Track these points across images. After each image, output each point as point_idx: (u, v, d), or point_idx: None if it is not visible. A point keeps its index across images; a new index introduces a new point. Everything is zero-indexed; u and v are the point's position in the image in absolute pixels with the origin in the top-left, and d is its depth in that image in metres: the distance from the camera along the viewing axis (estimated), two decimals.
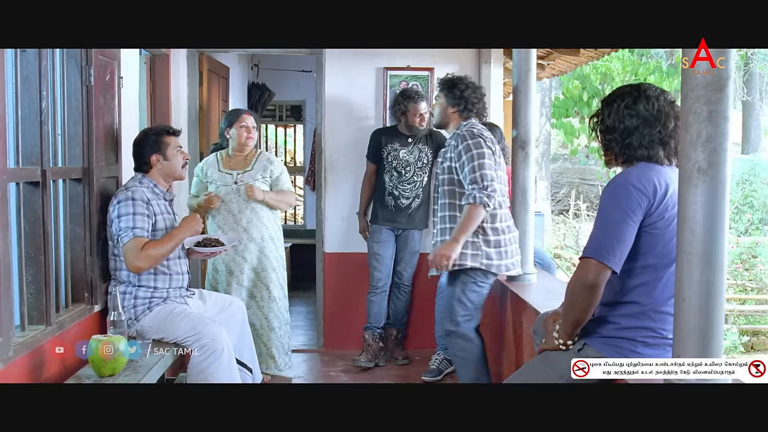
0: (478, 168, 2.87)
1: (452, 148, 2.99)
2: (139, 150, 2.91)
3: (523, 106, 3.25)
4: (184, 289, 2.99)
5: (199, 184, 3.72)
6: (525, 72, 3.24)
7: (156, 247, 2.73)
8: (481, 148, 2.90)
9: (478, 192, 2.84)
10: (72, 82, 2.63)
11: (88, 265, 2.73)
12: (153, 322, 2.80)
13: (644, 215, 1.83)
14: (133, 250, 2.67)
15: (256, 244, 3.63)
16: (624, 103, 1.91)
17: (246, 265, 3.62)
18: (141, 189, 2.82)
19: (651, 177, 1.86)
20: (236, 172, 3.64)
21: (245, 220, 3.60)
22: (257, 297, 3.66)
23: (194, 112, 4.29)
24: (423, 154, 4.06)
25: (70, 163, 2.64)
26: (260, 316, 3.67)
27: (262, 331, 3.67)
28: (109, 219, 2.78)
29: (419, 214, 4.09)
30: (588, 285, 1.83)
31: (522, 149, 3.26)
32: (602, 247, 1.82)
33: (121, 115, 2.98)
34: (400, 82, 4.30)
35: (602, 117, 1.96)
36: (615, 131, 1.92)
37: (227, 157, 3.70)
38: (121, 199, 2.75)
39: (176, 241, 2.84)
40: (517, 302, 3.10)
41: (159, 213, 2.86)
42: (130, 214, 2.72)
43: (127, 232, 2.69)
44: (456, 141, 2.98)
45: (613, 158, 1.98)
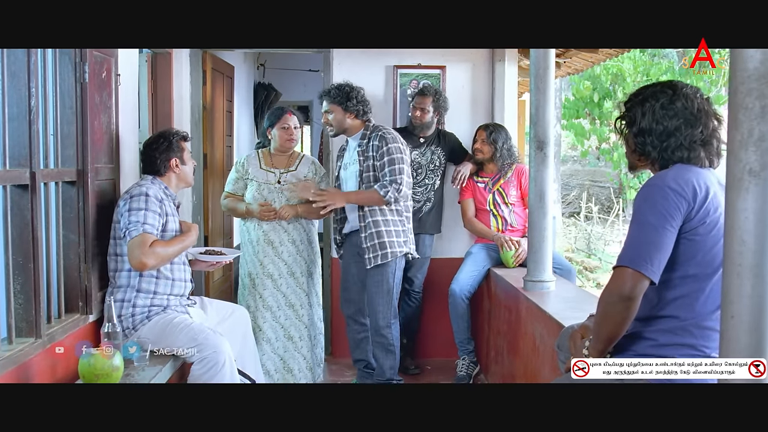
0: (398, 171, 3.25)
1: (374, 148, 3.29)
2: (153, 153, 2.81)
3: (541, 105, 3.08)
4: (186, 297, 2.85)
5: (237, 182, 3.56)
6: (543, 69, 3.08)
7: (164, 246, 2.63)
8: (402, 153, 3.30)
9: (393, 192, 3.23)
10: (65, 80, 2.49)
11: (83, 272, 2.58)
12: (151, 332, 2.66)
13: (684, 220, 1.68)
14: (141, 245, 2.55)
15: (296, 247, 3.49)
16: (660, 103, 1.75)
17: (285, 268, 3.47)
18: (155, 188, 2.73)
19: (689, 178, 1.70)
20: (279, 170, 3.49)
21: (286, 222, 3.46)
22: (296, 305, 3.49)
23: (197, 112, 4.14)
24: (435, 156, 3.91)
25: (64, 165, 2.50)
26: (300, 326, 3.50)
27: (302, 343, 3.51)
28: (117, 214, 2.66)
29: (430, 218, 3.94)
30: (624, 297, 1.67)
31: (540, 150, 3.10)
32: (639, 255, 1.66)
33: (118, 115, 2.83)
34: (411, 81, 4.14)
35: (633, 118, 1.80)
36: (651, 133, 1.76)
37: (269, 155, 3.55)
38: (135, 194, 2.65)
39: (184, 245, 2.75)
40: (534, 311, 2.94)
41: (170, 214, 2.77)
42: (142, 210, 2.61)
43: (136, 227, 2.57)
44: (379, 142, 3.28)
45: (648, 163, 1.82)
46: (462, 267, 3.80)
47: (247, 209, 3.46)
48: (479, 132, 3.86)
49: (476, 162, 3.90)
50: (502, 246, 3.72)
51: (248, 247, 3.50)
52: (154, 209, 2.64)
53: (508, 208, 3.83)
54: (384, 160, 3.27)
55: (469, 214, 3.91)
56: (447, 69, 4.15)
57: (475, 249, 3.87)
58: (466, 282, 3.71)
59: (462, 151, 4.01)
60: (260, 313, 3.45)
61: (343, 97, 3.33)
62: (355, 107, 3.33)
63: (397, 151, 3.29)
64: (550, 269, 3.14)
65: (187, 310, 2.82)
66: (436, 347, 4.07)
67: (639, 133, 1.79)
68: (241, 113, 5.78)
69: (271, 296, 3.45)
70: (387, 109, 4.14)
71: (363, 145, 3.35)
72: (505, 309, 3.46)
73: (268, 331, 3.45)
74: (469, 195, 3.91)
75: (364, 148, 3.34)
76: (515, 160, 3.87)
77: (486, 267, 3.79)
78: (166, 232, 2.71)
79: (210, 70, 4.32)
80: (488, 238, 3.83)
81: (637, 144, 1.81)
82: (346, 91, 3.34)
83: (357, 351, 3.57)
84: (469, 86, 4.21)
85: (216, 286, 4.53)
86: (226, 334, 2.86)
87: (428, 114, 3.85)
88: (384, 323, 3.35)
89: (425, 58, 4.15)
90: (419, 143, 3.90)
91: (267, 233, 3.45)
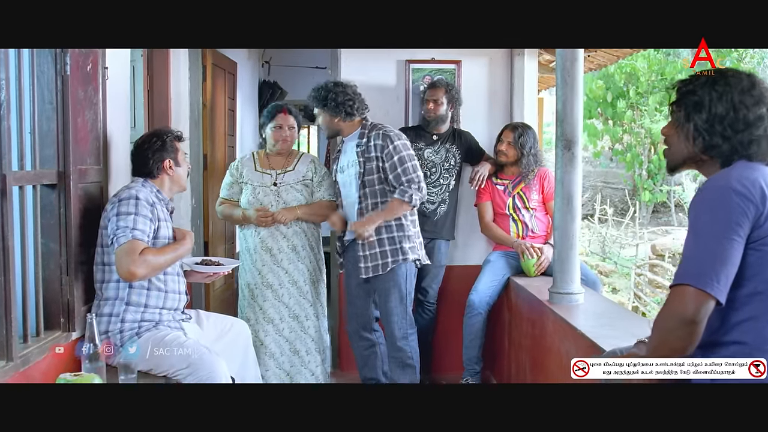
0: (412, 169, 3.05)
1: (377, 148, 3.06)
2: (145, 153, 2.56)
3: (568, 100, 2.82)
4: (180, 311, 2.60)
5: (232, 186, 3.30)
6: (571, 62, 2.82)
7: (156, 254, 2.38)
8: (410, 150, 3.09)
9: (416, 192, 3.02)
10: (44, 72, 2.24)
11: (65, 285, 2.33)
12: (141, 350, 2.40)
13: (751, 228, 1.43)
14: (130, 253, 2.30)
15: (297, 254, 3.22)
16: (739, 88, 1.48)
17: (286, 277, 3.20)
18: (145, 191, 2.48)
19: (756, 179, 1.45)
20: (275, 171, 3.23)
21: (285, 227, 3.19)
22: (300, 316, 3.22)
23: (197, 110, 3.89)
24: (450, 155, 3.65)
25: (42, 166, 2.25)
26: (306, 338, 3.23)
27: (309, 357, 3.24)
28: (104, 220, 2.41)
29: (446, 222, 3.67)
30: (686, 320, 1.41)
31: (567, 149, 2.83)
32: (702, 271, 1.41)
33: (106, 111, 2.58)
34: (424, 77, 3.88)
35: (701, 102, 1.53)
36: (724, 121, 1.49)
37: (265, 156, 3.29)
38: (123, 197, 2.40)
39: (178, 254, 2.50)
40: (563, 327, 2.67)
41: (162, 219, 2.51)
42: (132, 214, 2.36)
43: (125, 232, 2.32)
44: (383, 141, 3.06)
45: (708, 159, 1.56)
46: (480, 276, 3.53)
47: (243, 215, 3.20)
48: (505, 132, 3.58)
49: (497, 163, 3.63)
50: (522, 253, 3.45)
51: (246, 255, 3.25)
52: (145, 214, 2.39)
53: (529, 213, 3.56)
54: (393, 159, 3.04)
55: (486, 219, 3.64)
56: (462, 64, 3.90)
57: (494, 257, 3.60)
58: (485, 293, 3.45)
59: (479, 150, 3.74)
60: (261, 326, 3.19)
61: (321, 100, 3.13)
62: (337, 109, 3.10)
63: (405, 148, 3.08)
64: (578, 280, 2.88)
65: (181, 326, 2.57)
66: (452, 362, 3.79)
67: (709, 120, 1.52)
68: (245, 112, 5.53)
69: (273, 308, 3.19)
70: (398, 106, 3.89)
71: (362, 145, 3.11)
72: (528, 322, 3.19)
73: (271, 345, 3.19)
74: (487, 198, 3.64)
75: (364, 148, 3.10)
76: (540, 164, 3.61)
77: (506, 276, 3.53)
78: (158, 239, 2.46)
79: (210, 66, 4.08)
80: (507, 244, 3.56)
81: (704, 133, 1.53)
82: (324, 93, 3.12)
83: (365, 369, 3.32)
84: (486, 82, 3.95)
85: (217, 296, 4.28)
86: (226, 350, 2.64)
87: (442, 106, 3.59)
88: (400, 334, 3.10)
89: (439, 53, 3.89)
90: (433, 141, 3.65)
91: (264, 240, 3.19)
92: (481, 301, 3.44)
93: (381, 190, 3.09)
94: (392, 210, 3.04)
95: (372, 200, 3.09)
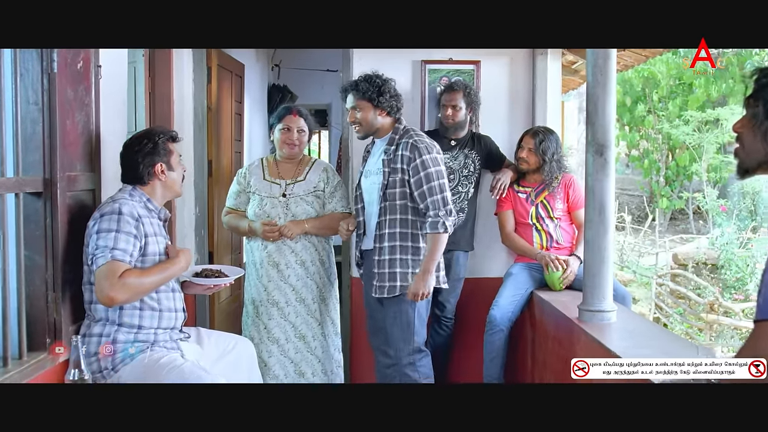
0: (438, 189, 2.78)
1: (403, 159, 2.81)
2: (134, 157, 2.33)
3: (600, 101, 2.60)
4: (177, 330, 2.39)
5: (239, 195, 3.10)
6: (603, 59, 2.60)
7: (138, 276, 2.16)
8: (440, 165, 2.83)
9: (445, 217, 2.76)
10: (28, 70, 2.06)
11: (51, 302, 2.14)
12: (133, 374, 2.21)
13: None
14: (108, 276, 2.09)
15: (306, 269, 3.01)
16: None
17: (293, 295, 2.99)
18: (131, 203, 2.26)
19: None
20: (285, 181, 3.02)
21: (294, 240, 2.98)
22: (307, 336, 3.01)
23: (201, 114, 3.69)
24: (469, 161, 3.43)
25: (26, 172, 2.06)
26: (312, 360, 3.03)
27: (315, 379, 3.03)
28: (87, 237, 2.20)
29: (465, 232, 3.44)
30: None
31: (599, 155, 2.61)
32: None
33: (99, 113, 2.39)
34: (441, 78, 3.67)
35: None
36: None
37: (274, 163, 3.08)
38: (105, 212, 2.19)
39: (166, 275, 2.28)
40: (595, 348, 2.44)
41: (151, 234, 2.28)
42: (113, 231, 2.15)
43: (104, 252, 2.11)
44: (411, 152, 2.81)
45: None
46: (501, 290, 3.30)
47: (250, 227, 3.00)
48: (526, 138, 3.36)
49: (518, 170, 3.41)
50: (547, 266, 3.23)
51: (252, 269, 3.04)
52: (128, 230, 2.17)
53: (554, 223, 3.33)
54: (420, 175, 2.79)
55: (507, 228, 3.42)
56: (482, 64, 3.68)
57: (516, 269, 3.37)
58: (507, 308, 3.21)
59: (500, 156, 3.52)
60: (265, 346, 2.98)
61: (374, 92, 2.85)
62: (388, 103, 2.86)
63: (434, 163, 2.81)
64: (610, 297, 2.64)
65: (179, 346, 2.36)
66: (470, 380, 3.57)
67: None
68: (254, 116, 5.34)
69: (278, 327, 2.99)
70: (414, 109, 3.67)
71: (390, 153, 2.87)
72: (554, 340, 2.96)
73: (275, 366, 2.98)
74: (509, 206, 3.42)
75: (391, 156, 2.86)
76: (564, 170, 3.38)
77: (529, 290, 3.30)
78: (147, 256, 2.24)
79: (216, 68, 3.89)
80: (530, 256, 3.33)
81: None
82: (378, 84, 2.85)
83: None
84: (507, 84, 3.73)
85: (223, 308, 4.08)
86: (228, 370, 2.45)
87: (460, 111, 3.37)
88: (406, 361, 2.86)
89: (457, 53, 3.68)
90: (450, 146, 3.42)
91: (271, 254, 2.98)
92: (502, 317, 3.21)
93: (402, 206, 2.84)
94: (435, 250, 2.78)
95: (391, 216, 2.85)
